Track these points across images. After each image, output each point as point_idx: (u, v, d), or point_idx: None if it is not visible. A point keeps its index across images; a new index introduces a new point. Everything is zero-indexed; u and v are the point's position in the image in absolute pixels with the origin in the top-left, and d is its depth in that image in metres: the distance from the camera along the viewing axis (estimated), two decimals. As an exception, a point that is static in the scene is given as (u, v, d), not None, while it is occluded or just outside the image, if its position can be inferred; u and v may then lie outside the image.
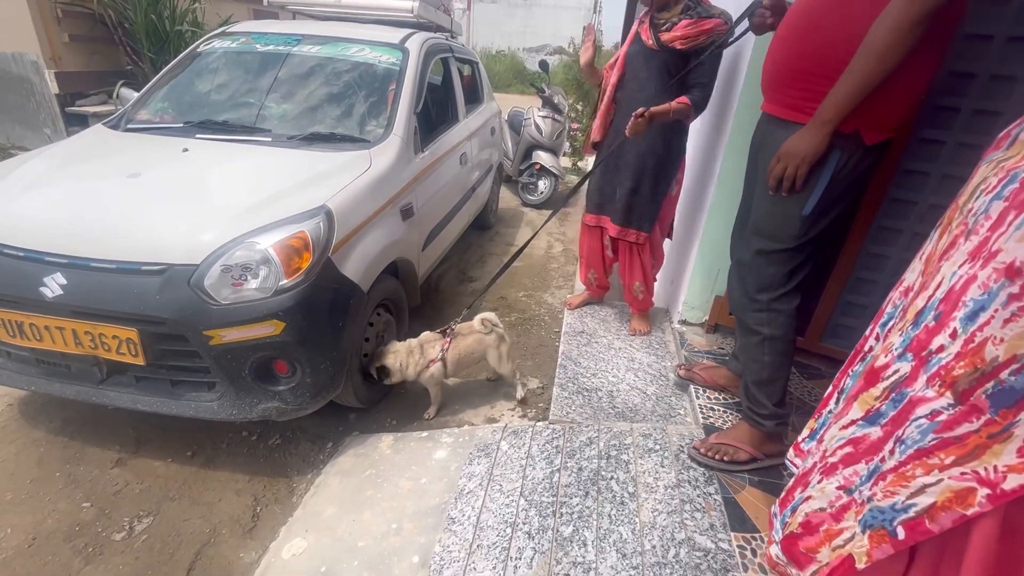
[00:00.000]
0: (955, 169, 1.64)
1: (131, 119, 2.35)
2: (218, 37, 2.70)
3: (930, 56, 1.19)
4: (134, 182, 1.78)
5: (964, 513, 0.65)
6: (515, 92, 15.21)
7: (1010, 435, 0.61)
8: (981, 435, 0.64)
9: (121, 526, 1.60)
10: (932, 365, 0.69)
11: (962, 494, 0.65)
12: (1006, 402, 0.61)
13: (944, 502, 0.67)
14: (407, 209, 2.21)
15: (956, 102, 1.59)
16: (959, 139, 1.62)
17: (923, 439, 0.69)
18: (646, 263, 2.33)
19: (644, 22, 2.04)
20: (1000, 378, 0.61)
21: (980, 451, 0.64)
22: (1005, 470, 0.61)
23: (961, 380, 0.65)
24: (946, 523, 0.67)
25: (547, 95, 5.05)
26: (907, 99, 1.24)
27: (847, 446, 0.81)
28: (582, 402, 1.90)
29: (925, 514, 0.69)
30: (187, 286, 1.52)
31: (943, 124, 1.63)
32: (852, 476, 0.80)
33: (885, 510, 0.73)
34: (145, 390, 1.67)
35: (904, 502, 0.71)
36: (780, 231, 1.40)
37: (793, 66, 1.31)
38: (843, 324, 2.02)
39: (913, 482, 0.70)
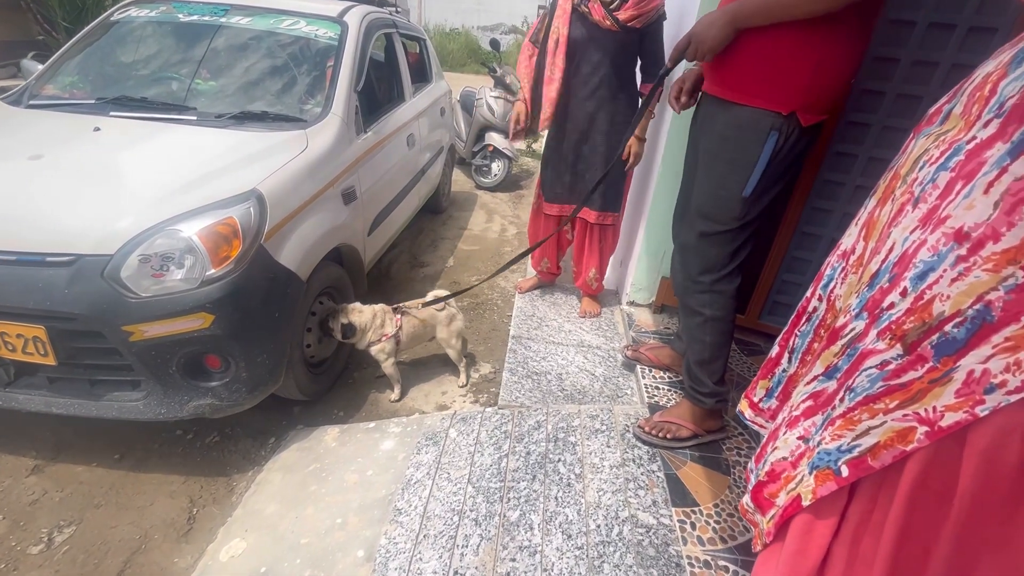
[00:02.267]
0: (881, 152, 1.72)
1: (35, 94, 2.13)
2: (135, 5, 2.47)
3: (859, 39, 1.22)
4: (36, 164, 1.61)
5: (904, 449, 0.72)
6: (470, 72, 14.89)
7: (950, 379, 0.68)
8: (923, 380, 0.70)
9: (39, 538, 1.49)
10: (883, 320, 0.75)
11: (903, 433, 0.72)
12: (948, 351, 0.68)
13: (886, 441, 0.74)
14: (349, 192, 2.12)
15: (881, 86, 1.65)
16: (884, 122, 1.68)
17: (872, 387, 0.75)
18: (608, 247, 2.35)
19: (586, 2, 1.94)
20: (944, 331, 0.68)
21: (922, 395, 0.71)
22: (943, 410, 0.68)
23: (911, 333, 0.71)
24: (887, 459, 0.74)
25: (499, 75, 4.96)
26: (839, 81, 1.27)
27: (808, 400, 0.88)
28: (531, 386, 1.90)
29: (868, 452, 0.76)
30: (100, 278, 1.40)
31: (870, 107, 1.69)
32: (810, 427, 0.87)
33: (831, 451, 0.80)
34: (60, 391, 1.54)
35: (849, 443, 0.78)
36: (722, 213, 1.42)
37: (733, 50, 1.32)
38: (780, 302, 2.10)
39: (859, 425, 0.77)
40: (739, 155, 1.35)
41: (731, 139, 1.37)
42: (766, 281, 2.06)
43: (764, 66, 1.27)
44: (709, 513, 1.40)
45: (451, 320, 2.10)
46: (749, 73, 1.30)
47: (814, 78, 1.23)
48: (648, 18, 1.91)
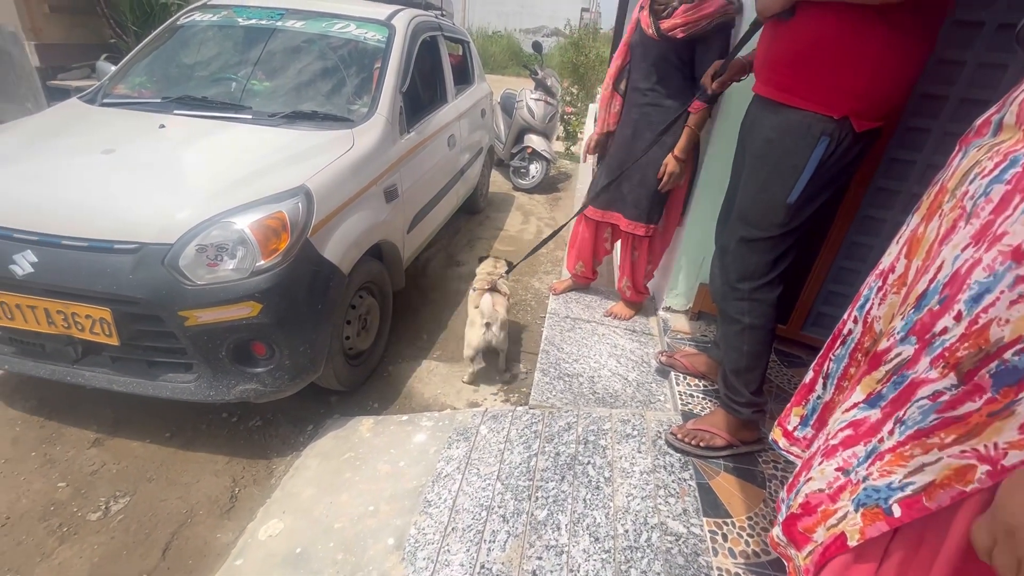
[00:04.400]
0: (941, 158, 1.62)
1: (108, 93, 2.28)
2: (199, 10, 2.62)
3: (924, 41, 1.17)
4: (108, 158, 1.74)
5: (963, 490, 0.65)
6: (511, 74, 15.00)
7: (1011, 412, 0.62)
8: (982, 413, 0.64)
9: (97, 506, 1.60)
10: (935, 347, 0.69)
11: (961, 471, 0.66)
12: (1008, 381, 0.62)
13: (943, 480, 0.67)
14: (391, 191, 2.18)
15: (944, 90, 1.57)
16: (946, 128, 1.60)
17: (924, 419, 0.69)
18: (642, 259, 2.28)
19: (645, 7, 1.93)
20: (1004, 358, 0.62)
21: (980, 429, 0.64)
22: (1006, 447, 0.62)
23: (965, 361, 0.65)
24: (944, 500, 0.67)
25: (540, 77, 4.98)
26: (900, 86, 1.22)
27: (848, 428, 0.82)
28: (563, 387, 1.90)
29: (923, 492, 0.69)
30: (161, 265, 1.50)
31: (930, 112, 1.61)
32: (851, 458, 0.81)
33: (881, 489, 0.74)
34: (121, 370, 1.65)
35: (901, 481, 0.72)
36: (764, 219, 1.39)
37: (785, 47, 1.29)
38: (825, 313, 2.02)
39: (912, 461, 0.71)
40: (785, 160, 1.32)
41: (778, 143, 1.33)
42: (811, 291, 1.99)
43: (817, 67, 1.23)
44: (742, 526, 1.37)
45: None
46: (801, 74, 1.26)
47: (872, 82, 1.18)
48: (696, 28, 1.80)
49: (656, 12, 1.88)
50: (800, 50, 1.25)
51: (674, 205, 2.17)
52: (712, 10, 1.75)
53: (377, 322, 2.22)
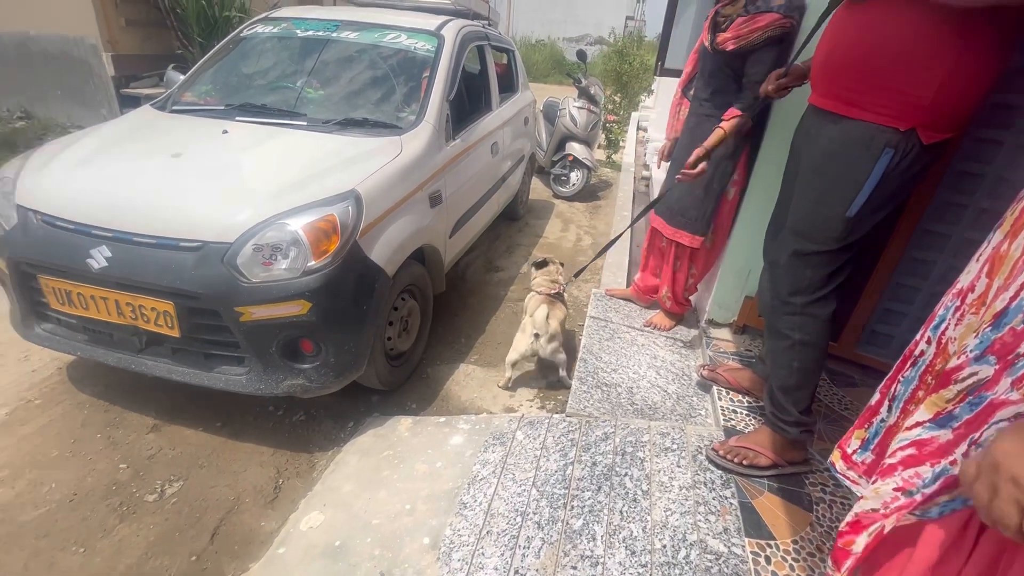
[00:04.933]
0: (1013, 172, 1.54)
1: (176, 101, 2.44)
2: (261, 22, 2.76)
3: (999, 51, 1.10)
4: (176, 161, 1.85)
5: None
6: (553, 82, 15.05)
7: None
8: None
9: (153, 488, 1.69)
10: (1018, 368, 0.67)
11: None
12: None
13: None
14: (435, 196, 2.22)
15: (1018, 100, 1.48)
16: (1020, 140, 1.51)
17: None
18: (683, 269, 2.23)
19: (709, 19, 1.93)
20: None
21: None
22: None
23: None
24: None
25: (583, 85, 4.98)
26: (973, 97, 1.15)
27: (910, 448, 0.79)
28: (601, 396, 1.88)
29: None
30: (221, 263, 1.58)
31: (1003, 123, 1.52)
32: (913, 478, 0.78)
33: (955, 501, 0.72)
34: (179, 361, 1.75)
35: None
36: (820, 232, 1.34)
37: (847, 56, 1.24)
38: (881, 331, 1.93)
39: None
40: (845, 172, 1.27)
41: (837, 155, 1.29)
42: (865, 308, 1.90)
43: (885, 77, 1.18)
44: (787, 549, 1.31)
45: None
46: (865, 84, 1.21)
47: (942, 91, 1.12)
48: (747, 41, 1.76)
49: (717, 24, 1.87)
50: (866, 58, 1.20)
51: (723, 220, 2.12)
52: (764, 24, 1.72)
53: (418, 324, 2.27)
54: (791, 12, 1.69)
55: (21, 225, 1.72)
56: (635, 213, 4.61)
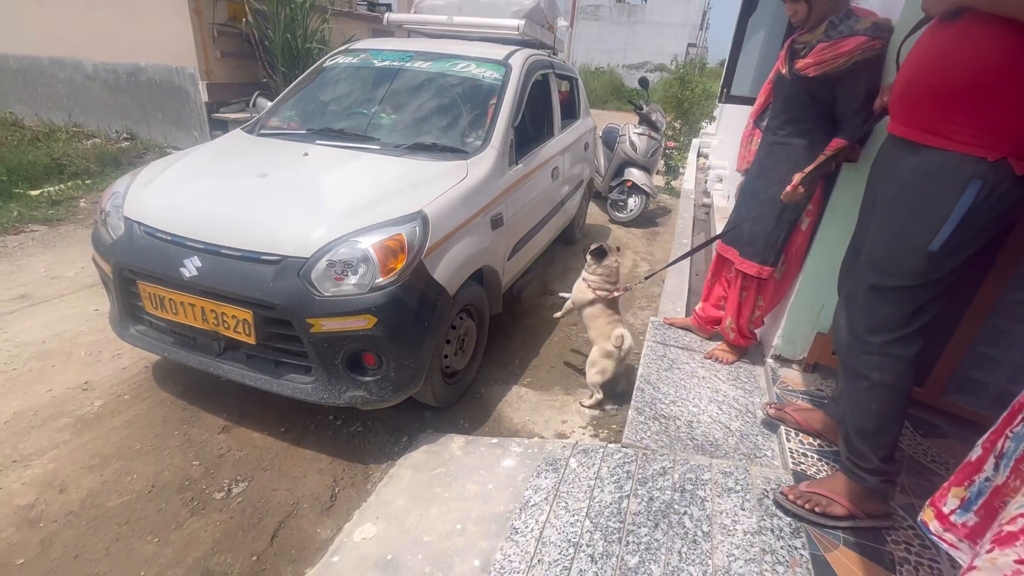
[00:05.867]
0: None
1: (264, 125, 2.64)
2: (342, 54, 2.96)
3: None
4: (262, 181, 2.00)
5: None
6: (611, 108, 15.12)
7: None
8: None
9: (221, 486, 1.78)
10: None
11: None
12: None
13: None
14: (497, 219, 2.27)
15: None
16: None
17: None
18: (750, 299, 2.14)
19: (786, 47, 1.87)
20: None
21: None
22: None
23: None
24: None
25: (645, 112, 4.97)
26: None
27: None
28: (658, 429, 1.82)
29: None
30: (297, 276, 1.68)
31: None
32: None
33: None
34: (253, 366, 1.85)
35: None
36: (900, 266, 1.26)
37: (931, 83, 1.19)
38: (975, 378, 1.76)
39: None
40: (928, 204, 1.20)
41: (918, 185, 1.22)
42: (956, 352, 1.75)
43: (969, 103, 1.11)
44: (865, 612, 1.20)
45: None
46: (947, 110, 1.15)
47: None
48: (832, 66, 1.66)
49: (795, 51, 1.81)
50: (952, 83, 1.14)
51: (795, 252, 2.01)
52: (850, 48, 1.62)
53: (474, 343, 2.30)
54: (880, 33, 1.60)
55: (127, 235, 1.90)
56: (694, 240, 4.50)
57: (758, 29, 3.42)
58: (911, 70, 1.25)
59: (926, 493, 1.52)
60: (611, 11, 21.98)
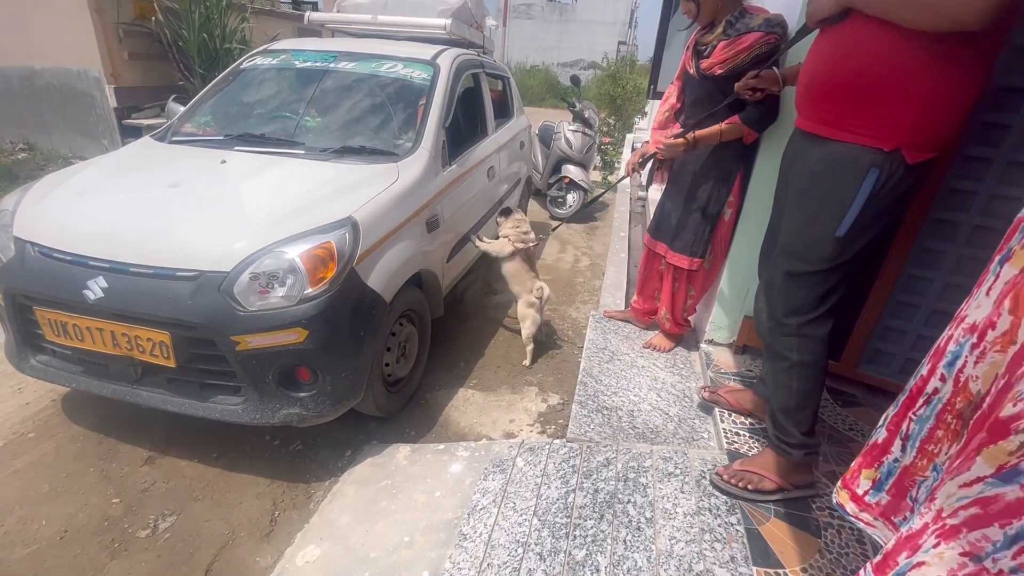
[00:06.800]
0: (1006, 188, 1.55)
1: (176, 132, 2.47)
2: (260, 54, 2.82)
3: (978, 70, 1.13)
4: (174, 192, 1.87)
5: None
6: (548, 106, 15.31)
7: None
8: None
9: (146, 523, 1.65)
10: None
11: None
12: None
13: None
14: (432, 221, 2.23)
15: (1006, 118, 1.50)
16: (1010, 157, 1.52)
17: None
18: (681, 291, 2.23)
19: (689, 48, 1.95)
20: None
21: None
22: None
23: None
24: None
25: (578, 109, 5.06)
26: (954, 117, 1.17)
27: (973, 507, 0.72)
28: (601, 421, 1.86)
29: None
30: (217, 292, 1.57)
31: (992, 141, 1.54)
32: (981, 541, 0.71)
33: None
34: (175, 391, 1.73)
35: None
36: (811, 252, 1.35)
37: (829, 82, 1.27)
38: (883, 350, 1.91)
39: None
40: (832, 193, 1.28)
41: (824, 175, 1.30)
42: (865, 326, 1.89)
43: (865, 100, 1.20)
44: (796, 577, 1.28)
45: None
46: (847, 107, 1.24)
47: (922, 113, 1.15)
48: (734, 63, 1.77)
49: (698, 52, 1.89)
50: (846, 83, 1.23)
51: (720, 241, 2.11)
52: (748, 44, 1.73)
53: (416, 349, 2.25)
54: (772, 28, 1.71)
55: (18, 257, 1.72)
56: (631, 234, 4.64)
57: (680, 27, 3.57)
58: (809, 71, 1.34)
59: (846, 460, 1.64)
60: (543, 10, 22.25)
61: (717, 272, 2.20)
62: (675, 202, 2.14)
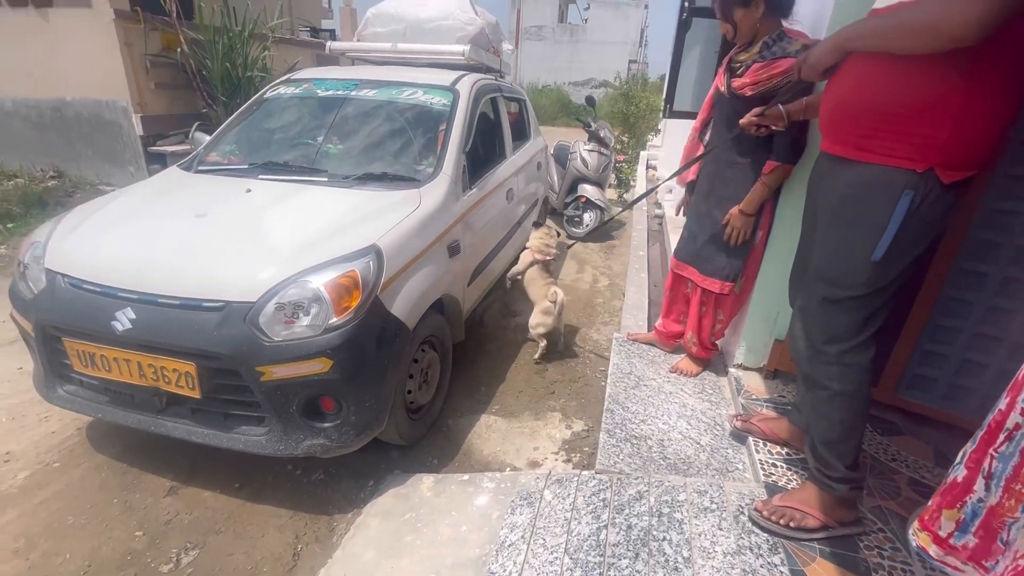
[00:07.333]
0: (1051, 209, 1.49)
1: (202, 161, 2.51)
2: (284, 84, 2.87)
3: (1014, 81, 1.08)
4: (201, 222, 1.89)
5: None
6: (561, 125, 15.45)
7: None
8: None
9: (169, 557, 1.63)
10: None
11: None
12: None
13: None
14: (454, 246, 2.23)
15: (1050, 136, 1.45)
16: (1055, 177, 1.47)
17: None
18: (709, 315, 2.17)
19: (724, 65, 1.94)
20: None
21: None
22: None
23: None
24: None
25: (593, 129, 5.07)
26: (990, 135, 1.13)
27: None
28: (631, 451, 1.80)
29: None
30: (243, 323, 1.57)
31: (1035, 160, 1.49)
32: None
33: None
34: (199, 422, 1.72)
35: None
36: (847, 277, 1.30)
37: (854, 105, 1.24)
38: (922, 375, 1.84)
39: None
40: (865, 216, 1.24)
41: (854, 199, 1.26)
42: (904, 350, 1.82)
43: (889, 121, 1.16)
44: (846, 624, 1.20)
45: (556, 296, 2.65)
46: (873, 128, 1.19)
47: (956, 133, 1.10)
48: (766, 86, 1.74)
49: (732, 70, 1.87)
50: (871, 106, 1.19)
51: (751, 264, 2.06)
52: (782, 70, 1.69)
53: (437, 375, 2.23)
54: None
55: (49, 288, 1.74)
56: (649, 253, 4.59)
57: (694, 45, 3.56)
58: (832, 96, 1.30)
59: (892, 494, 1.56)
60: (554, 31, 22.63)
61: (747, 296, 2.15)
62: (703, 226, 2.10)
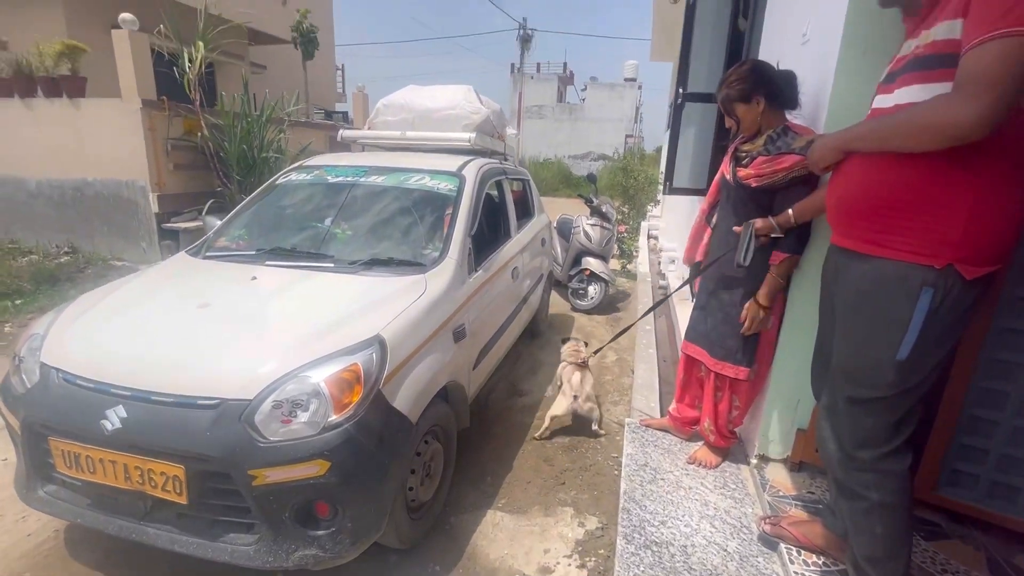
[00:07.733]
0: (1078, 298, 1.44)
1: (211, 247, 2.53)
2: (295, 170, 2.96)
3: None
4: (203, 312, 1.85)
5: None
6: (562, 195, 15.95)
7: None
8: None
9: None
10: None
11: None
12: None
13: None
14: (459, 331, 2.18)
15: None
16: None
17: None
18: (725, 401, 2.07)
19: (730, 151, 1.97)
20: None
21: None
22: None
23: None
24: None
25: (595, 204, 5.19)
26: (1010, 227, 1.11)
27: None
28: (652, 560, 1.65)
29: None
30: (238, 422, 1.49)
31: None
32: None
33: None
34: (184, 528, 1.59)
35: None
36: (871, 377, 1.23)
37: (861, 200, 1.23)
38: (963, 471, 1.71)
39: None
40: (885, 313, 1.19)
41: (872, 295, 1.21)
42: (937, 444, 1.71)
43: (903, 218, 1.14)
44: None
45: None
46: (886, 224, 1.17)
47: (970, 226, 1.07)
48: (770, 180, 1.76)
49: (738, 159, 1.90)
50: (882, 202, 1.17)
51: (764, 348, 2.00)
52: (786, 166, 1.71)
53: (441, 468, 2.10)
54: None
55: (42, 384, 1.68)
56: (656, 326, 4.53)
57: (688, 127, 3.72)
58: (836, 191, 1.30)
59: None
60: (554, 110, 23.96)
61: (763, 382, 2.06)
62: (712, 308, 2.06)
